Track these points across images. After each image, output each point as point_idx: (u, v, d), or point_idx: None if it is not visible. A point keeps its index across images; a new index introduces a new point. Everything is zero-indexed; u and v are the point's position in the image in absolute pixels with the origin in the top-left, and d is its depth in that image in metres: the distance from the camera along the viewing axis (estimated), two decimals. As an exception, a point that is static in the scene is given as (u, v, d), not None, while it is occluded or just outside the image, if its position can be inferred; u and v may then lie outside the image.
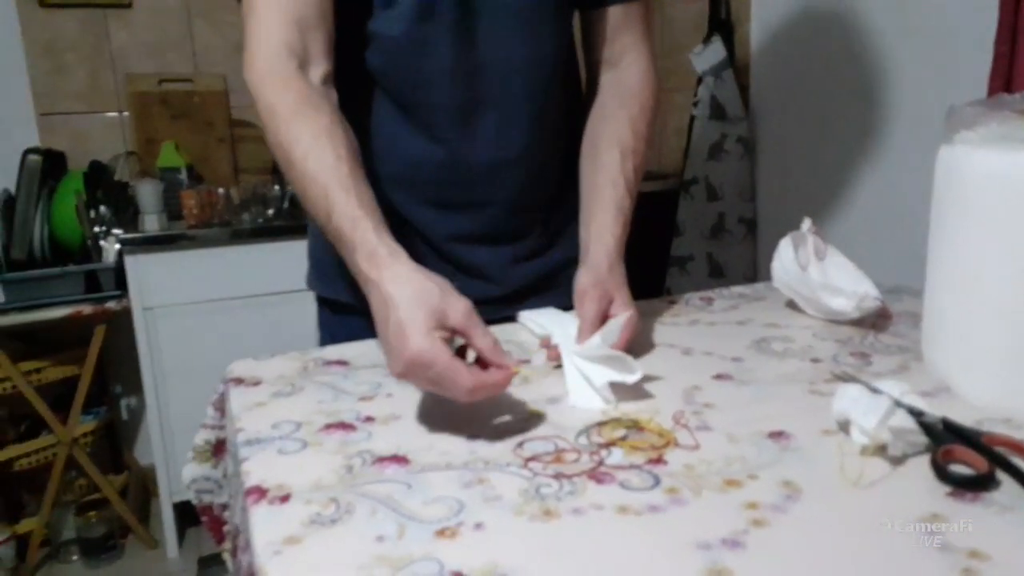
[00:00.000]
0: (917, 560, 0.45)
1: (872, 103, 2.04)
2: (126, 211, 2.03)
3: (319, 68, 0.84)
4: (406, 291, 0.65)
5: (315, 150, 0.76)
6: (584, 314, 0.80)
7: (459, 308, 0.65)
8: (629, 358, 0.71)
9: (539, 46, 0.91)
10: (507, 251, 0.98)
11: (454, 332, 0.65)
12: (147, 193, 1.94)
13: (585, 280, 0.83)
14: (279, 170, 2.38)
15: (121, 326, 2.02)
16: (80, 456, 2.00)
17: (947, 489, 0.53)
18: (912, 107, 1.92)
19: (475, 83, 0.89)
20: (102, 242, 1.97)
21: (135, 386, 2.17)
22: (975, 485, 0.53)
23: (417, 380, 0.64)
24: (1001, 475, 0.54)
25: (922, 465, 0.56)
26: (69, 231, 1.99)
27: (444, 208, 0.94)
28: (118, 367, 2.28)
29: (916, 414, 0.59)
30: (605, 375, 0.70)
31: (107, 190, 2.02)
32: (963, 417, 0.61)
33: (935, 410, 0.61)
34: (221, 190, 2.04)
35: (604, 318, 0.80)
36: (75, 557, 2.02)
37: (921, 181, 0.83)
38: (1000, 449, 0.56)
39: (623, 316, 0.78)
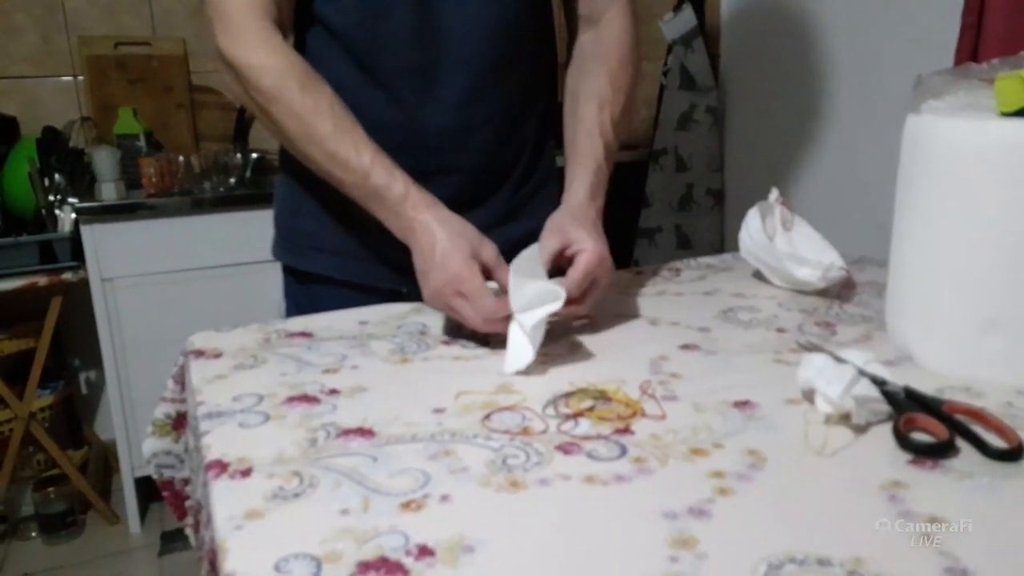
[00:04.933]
0: (879, 527, 0.46)
1: (841, 75, 2.05)
2: (82, 179, 1.96)
3: (291, 39, 0.87)
4: (449, 227, 0.78)
5: (336, 116, 0.82)
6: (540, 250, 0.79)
7: (490, 248, 0.79)
8: (551, 284, 0.71)
9: (503, 8, 0.89)
10: (474, 218, 0.96)
11: (483, 266, 0.77)
12: (104, 160, 1.88)
13: (547, 224, 0.83)
14: (241, 138, 2.33)
15: (78, 297, 1.97)
16: (37, 431, 1.95)
17: (908, 457, 0.54)
18: (881, 78, 1.93)
19: (436, 46, 0.87)
20: (57, 211, 1.91)
21: (94, 359, 2.12)
22: (935, 452, 0.54)
23: (450, 296, 0.76)
24: (961, 442, 0.55)
25: (884, 433, 0.57)
26: (22, 200, 1.92)
27: (409, 174, 0.92)
28: (76, 340, 2.23)
29: (879, 383, 0.60)
30: (533, 315, 0.70)
31: (61, 157, 1.95)
32: (925, 385, 0.62)
33: (898, 379, 0.62)
34: (181, 158, 1.98)
35: (561, 258, 0.80)
36: (34, 534, 1.98)
37: (888, 153, 0.83)
38: (960, 417, 0.57)
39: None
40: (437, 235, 0.77)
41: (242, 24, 0.82)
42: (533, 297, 0.71)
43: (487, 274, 0.77)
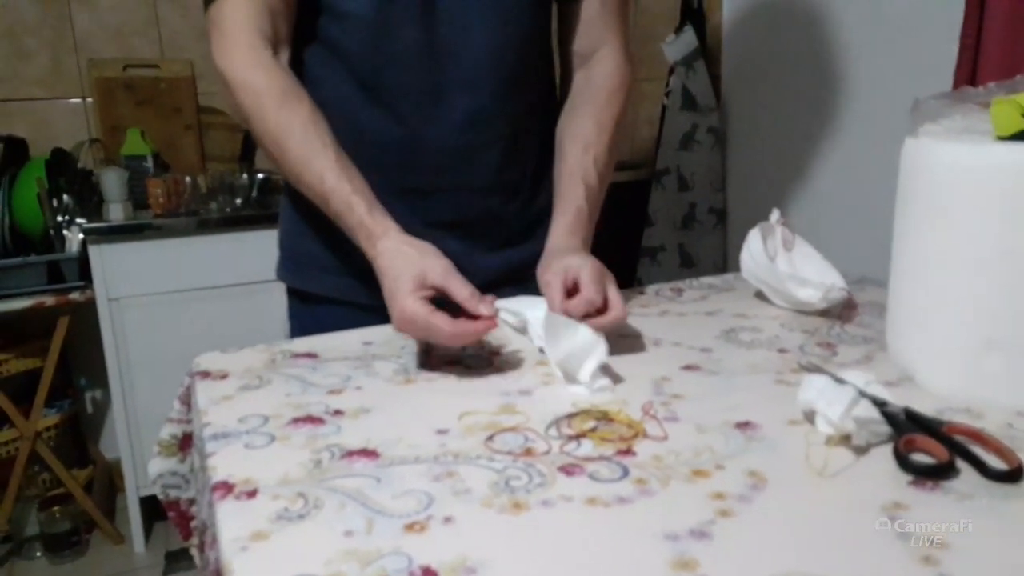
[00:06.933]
0: (879, 548, 0.46)
1: (841, 95, 2.06)
2: (90, 200, 1.99)
3: (285, 55, 0.88)
4: (394, 261, 0.77)
5: (306, 138, 0.82)
6: (548, 303, 0.80)
7: (436, 268, 0.76)
8: (590, 335, 0.71)
9: (508, 33, 0.90)
10: (479, 240, 0.97)
11: (436, 289, 0.75)
12: (112, 181, 1.90)
13: (539, 270, 0.85)
14: (247, 158, 2.36)
15: (85, 317, 1.98)
16: (43, 450, 1.96)
17: (909, 478, 0.54)
18: (881, 98, 1.94)
19: (442, 66, 0.89)
20: (65, 231, 1.93)
21: (100, 378, 2.13)
22: (935, 474, 0.54)
23: (411, 334, 0.76)
24: (961, 464, 0.55)
25: (885, 454, 0.57)
26: (31, 220, 1.95)
27: (411, 193, 0.93)
28: (82, 359, 2.24)
29: (880, 404, 0.60)
30: (584, 369, 0.70)
31: (70, 178, 1.97)
32: (925, 406, 0.63)
33: (898, 400, 0.62)
34: (188, 178, 2.00)
35: (571, 289, 0.80)
36: (39, 553, 1.98)
37: (888, 173, 0.84)
38: (960, 438, 0.58)
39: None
40: (384, 274, 0.78)
41: (234, 38, 0.84)
42: (577, 350, 0.71)
43: (442, 294, 0.76)
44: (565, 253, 0.84)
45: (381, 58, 0.88)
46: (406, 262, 0.76)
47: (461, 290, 0.75)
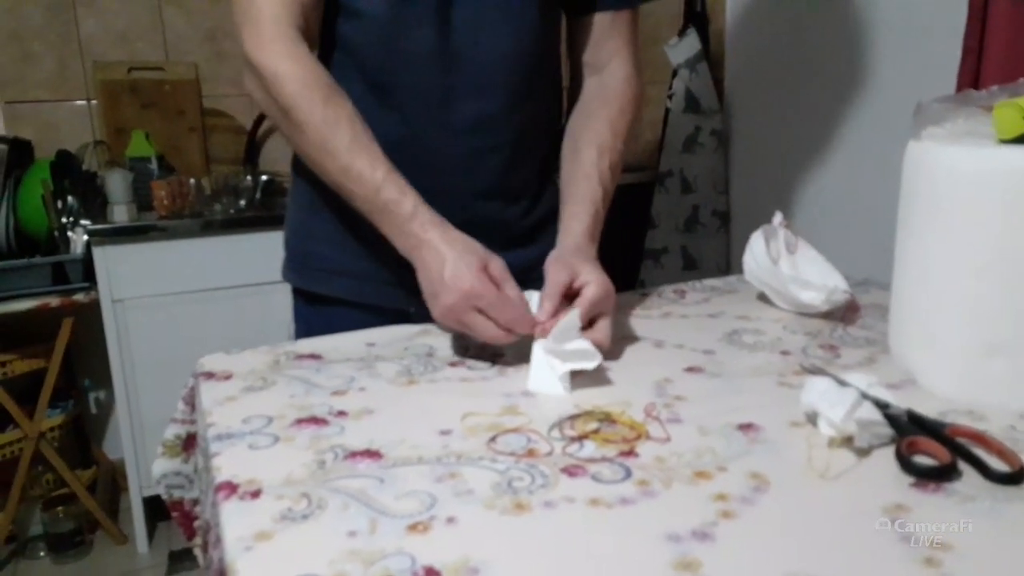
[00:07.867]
0: (881, 550, 0.46)
1: (844, 97, 2.06)
2: (94, 201, 1.99)
3: (315, 51, 0.88)
4: (457, 246, 0.78)
5: (355, 131, 0.83)
6: (546, 286, 0.80)
7: (498, 262, 0.79)
8: (589, 347, 0.72)
9: (521, 40, 0.91)
10: (480, 242, 0.97)
11: (493, 279, 0.76)
12: (116, 183, 1.91)
13: (549, 258, 0.84)
14: (252, 160, 2.36)
15: (89, 318, 1.99)
16: (47, 451, 1.97)
17: (911, 480, 0.54)
18: (884, 101, 1.95)
19: (453, 70, 0.89)
20: (70, 233, 1.93)
21: (104, 379, 2.13)
22: (938, 476, 0.54)
23: (463, 313, 0.76)
24: (963, 466, 0.55)
25: (887, 456, 0.57)
26: (36, 222, 1.95)
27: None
28: (86, 360, 2.24)
29: (882, 406, 0.60)
30: (566, 365, 0.71)
31: (75, 180, 1.98)
32: (927, 409, 0.63)
33: (901, 402, 0.62)
34: (192, 180, 2.01)
35: (569, 291, 0.80)
36: (42, 553, 1.99)
37: (891, 175, 0.84)
38: (962, 440, 0.58)
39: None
40: (445, 255, 0.77)
41: (271, 32, 0.83)
42: (570, 353, 0.72)
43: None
44: (584, 260, 0.83)
45: (392, 59, 0.88)
46: (471, 246, 0.79)
47: (513, 290, 0.77)
